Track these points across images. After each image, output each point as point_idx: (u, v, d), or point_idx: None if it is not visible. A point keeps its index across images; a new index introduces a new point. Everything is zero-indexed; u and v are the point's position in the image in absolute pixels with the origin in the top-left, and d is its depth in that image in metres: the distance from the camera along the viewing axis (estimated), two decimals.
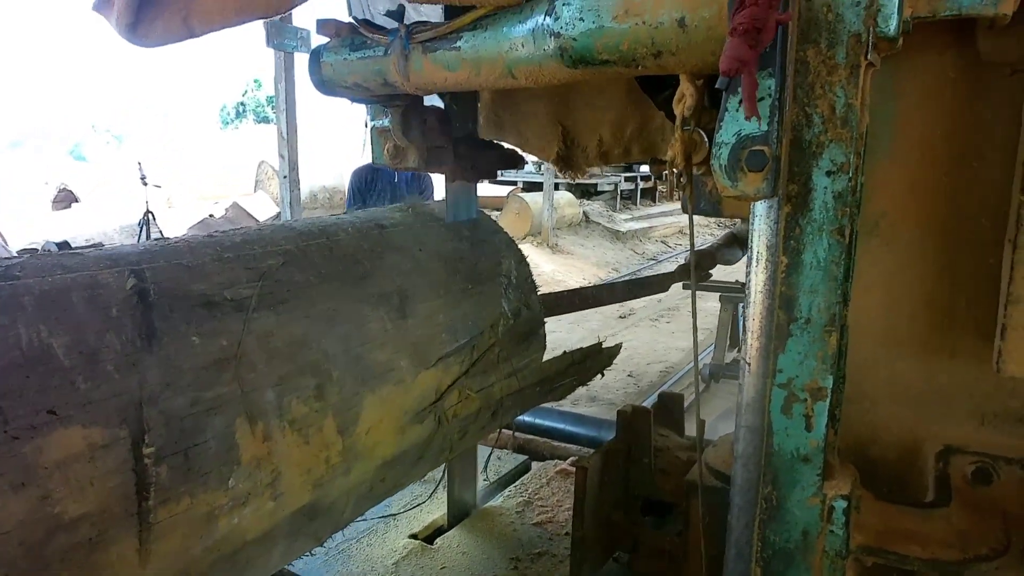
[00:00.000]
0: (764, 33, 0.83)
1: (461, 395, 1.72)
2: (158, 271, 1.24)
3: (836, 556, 1.03)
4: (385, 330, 1.55)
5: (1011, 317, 1.03)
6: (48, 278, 1.11)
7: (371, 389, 1.47)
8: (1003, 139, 1.06)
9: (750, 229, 1.02)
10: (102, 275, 1.16)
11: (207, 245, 1.38)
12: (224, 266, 1.33)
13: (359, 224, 1.73)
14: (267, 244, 1.45)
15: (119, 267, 1.19)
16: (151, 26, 1.51)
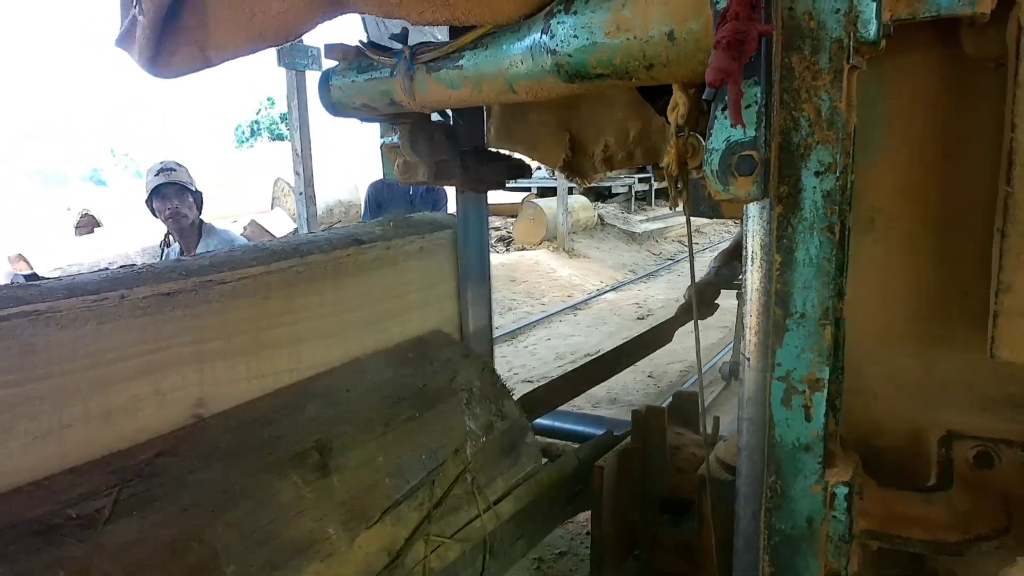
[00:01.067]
0: (746, 45, 0.87)
1: (430, 545, 1.48)
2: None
3: (840, 541, 1.07)
4: (301, 497, 1.31)
5: (1002, 304, 1.06)
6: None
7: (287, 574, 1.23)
8: (989, 132, 1.10)
9: (744, 230, 1.06)
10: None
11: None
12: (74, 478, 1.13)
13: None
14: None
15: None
16: (170, 58, 1.58)
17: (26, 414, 1.15)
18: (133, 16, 1.58)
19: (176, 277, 1.37)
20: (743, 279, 1.08)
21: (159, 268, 1.43)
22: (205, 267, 1.45)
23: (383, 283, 1.84)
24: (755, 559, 1.13)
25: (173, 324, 1.35)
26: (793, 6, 0.96)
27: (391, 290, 1.87)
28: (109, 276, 1.34)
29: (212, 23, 1.51)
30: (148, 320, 1.31)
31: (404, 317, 1.92)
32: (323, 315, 1.67)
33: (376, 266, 1.82)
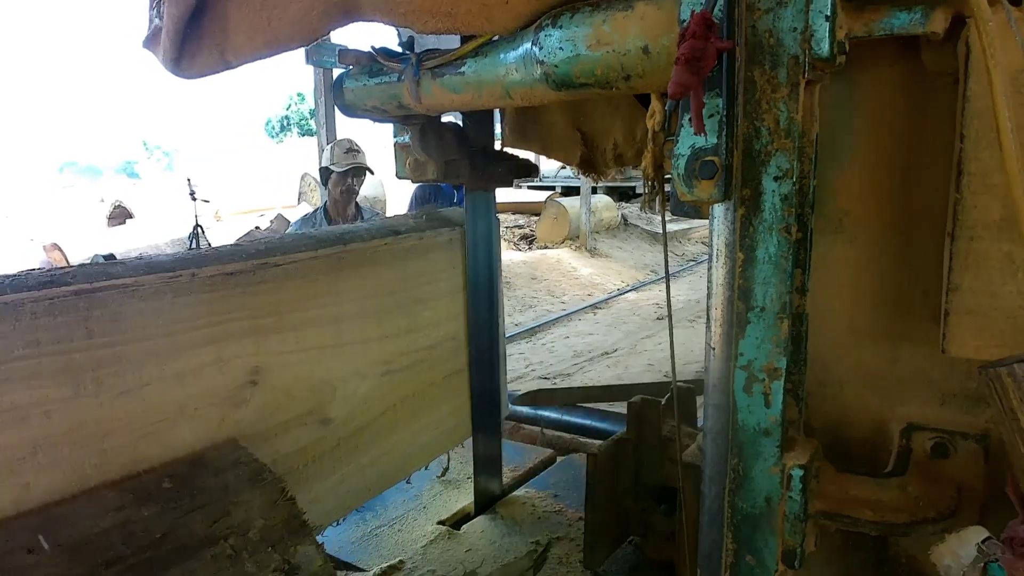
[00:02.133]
0: (704, 61, 0.96)
1: None
2: None
3: (796, 520, 1.15)
4: None
5: (951, 303, 1.14)
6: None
7: None
8: (946, 142, 1.17)
9: (710, 229, 1.15)
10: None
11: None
12: None
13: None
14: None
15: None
16: (192, 60, 1.70)
17: (114, 372, 1.34)
18: (156, 21, 1.70)
19: (237, 259, 1.56)
20: (708, 274, 1.17)
21: (222, 251, 1.61)
22: (261, 251, 1.64)
23: (416, 270, 2.03)
24: (719, 536, 1.21)
25: (234, 300, 1.54)
26: (755, 24, 1.05)
27: (422, 276, 2.08)
28: (181, 256, 1.53)
29: (231, 28, 1.61)
30: (214, 296, 1.50)
31: (434, 303, 2.13)
32: (362, 297, 1.86)
33: (411, 254, 2.01)
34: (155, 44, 1.75)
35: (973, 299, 1.13)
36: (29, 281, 1.25)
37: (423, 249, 2.08)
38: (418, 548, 2.21)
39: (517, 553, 2.20)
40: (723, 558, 1.21)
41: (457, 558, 2.17)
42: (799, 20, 1.02)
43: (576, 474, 2.67)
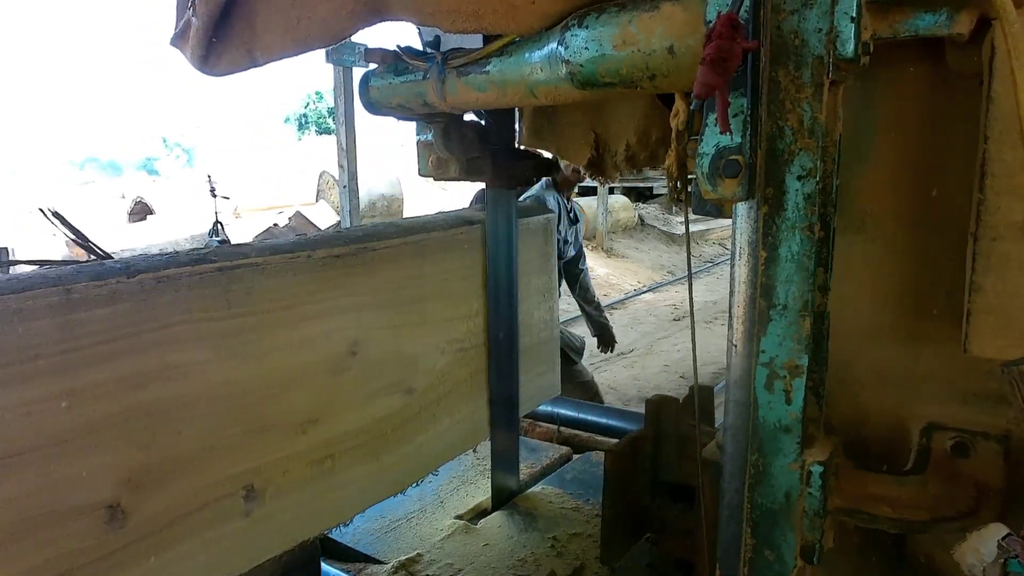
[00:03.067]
0: (730, 61, 0.97)
1: None
2: None
3: (814, 516, 1.16)
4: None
5: (974, 303, 1.14)
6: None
7: None
8: (970, 143, 1.18)
9: (733, 227, 1.16)
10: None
11: None
12: None
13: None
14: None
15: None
16: (220, 58, 1.73)
17: (246, 339, 1.52)
18: (187, 18, 1.73)
19: (342, 243, 1.75)
20: (731, 272, 1.18)
21: (328, 235, 1.80)
22: (359, 237, 1.82)
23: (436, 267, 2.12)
24: (738, 531, 1.23)
25: (340, 279, 1.73)
26: (780, 25, 1.06)
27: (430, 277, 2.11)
28: (297, 240, 1.72)
29: (260, 27, 1.64)
30: (324, 275, 1.69)
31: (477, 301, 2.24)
32: (443, 280, 2.06)
33: (444, 252, 2.10)
34: (183, 42, 1.78)
35: (995, 299, 1.13)
36: (182, 258, 1.44)
37: (454, 244, 2.17)
38: (436, 541, 2.24)
39: (534, 548, 2.22)
40: (742, 553, 1.23)
41: (474, 552, 2.20)
42: (824, 21, 1.04)
43: (593, 471, 2.69)
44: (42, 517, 1.21)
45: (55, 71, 30.84)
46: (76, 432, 1.24)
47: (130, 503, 1.32)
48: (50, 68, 30.66)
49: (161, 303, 1.35)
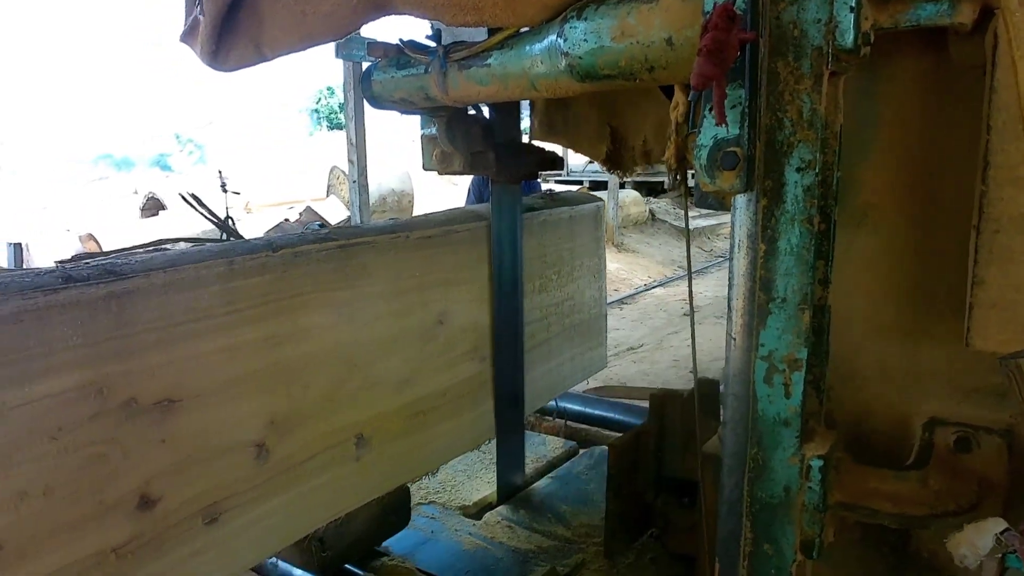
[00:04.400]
0: (726, 52, 0.97)
1: None
2: None
3: (814, 510, 1.15)
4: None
5: (976, 297, 1.13)
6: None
7: None
8: (972, 134, 1.17)
9: (732, 220, 1.16)
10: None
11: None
12: None
13: None
14: None
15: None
16: (228, 54, 1.73)
17: (360, 307, 1.74)
18: (196, 15, 1.74)
19: (431, 226, 1.98)
20: (730, 265, 1.18)
21: (418, 219, 2.08)
22: (443, 221, 2.06)
23: (547, 240, 2.46)
24: (738, 525, 1.22)
25: (431, 257, 1.96)
26: (780, 16, 1.05)
27: (552, 246, 2.49)
28: (397, 223, 1.95)
29: (267, 22, 1.65)
30: (419, 253, 1.91)
31: (559, 268, 2.53)
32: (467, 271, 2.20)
33: (545, 227, 2.43)
34: (193, 38, 1.79)
35: (998, 293, 1.12)
36: (310, 237, 1.67)
37: (553, 223, 2.48)
38: (439, 536, 2.24)
39: (538, 542, 2.22)
40: (741, 547, 1.22)
41: (478, 546, 2.20)
42: (823, 11, 1.03)
43: (597, 466, 2.68)
44: (207, 451, 1.43)
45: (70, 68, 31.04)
46: (233, 381, 1.47)
47: (272, 443, 1.55)
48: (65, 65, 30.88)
49: (296, 275, 1.58)
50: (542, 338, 2.45)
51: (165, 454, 1.36)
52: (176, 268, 1.36)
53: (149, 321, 1.32)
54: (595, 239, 2.74)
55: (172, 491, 1.38)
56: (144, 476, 1.33)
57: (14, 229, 12.78)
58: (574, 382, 2.73)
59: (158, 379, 1.34)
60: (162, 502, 1.36)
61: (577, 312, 2.63)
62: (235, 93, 31.48)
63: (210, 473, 1.43)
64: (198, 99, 31.64)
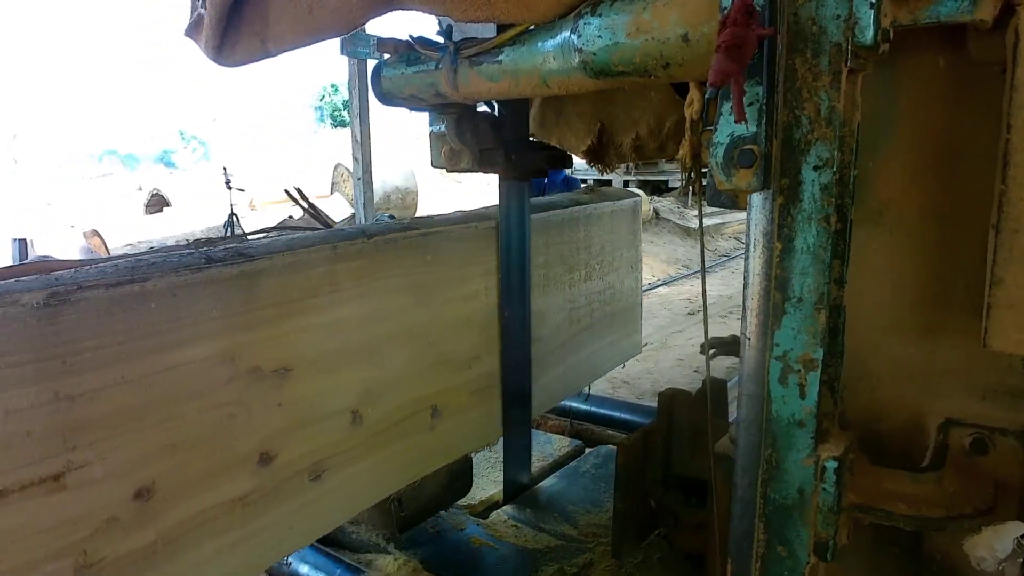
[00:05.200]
0: (745, 48, 0.95)
1: None
2: None
3: (829, 512, 1.14)
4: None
5: (994, 296, 1.12)
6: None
7: None
8: (992, 133, 1.15)
9: (748, 218, 1.14)
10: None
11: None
12: None
13: None
14: None
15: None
16: (233, 49, 1.72)
17: (433, 291, 1.94)
18: (199, 10, 1.73)
19: (489, 218, 2.14)
20: (745, 264, 1.16)
21: (478, 211, 2.24)
22: (451, 223, 2.12)
23: (593, 232, 2.64)
24: (751, 526, 1.21)
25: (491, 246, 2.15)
26: (798, 11, 1.04)
27: (596, 237, 2.67)
28: (464, 214, 2.15)
29: (272, 17, 1.64)
30: (481, 242, 2.11)
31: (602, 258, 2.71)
32: (560, 251, 2.50)
33: (591, 219, 2.61)
34: (197, 33, 1.78)
35: (1017, 293, 1.11)
36: (395, 226, 1.86)
37: (597, 216, 2.67)
38: (445, 535, 2.24)
39: (544, 541, 2.21)
40: (754, 548, 1.21)
41: (484, 546, 2.19)
42: (843, 7, 1.01)
43: (604, 465, 2.67)
44: (313, 414, 1.62)
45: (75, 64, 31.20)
46: (335, 354, 1.65)
47: (365, 410, 1.74)
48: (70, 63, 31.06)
49: (384, 259, 1.76)
50: (586, 323, 2.67)
51: (281, 416, 1.55)
52: (293, 251, 1.56)
53: (270, 297, 1.51)
54: (632, 232, 2.94)
55: (286, 449, 1.56)
56: (264, 435, 1.52)
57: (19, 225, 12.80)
58: (612, 365, 2.94)
59: (276, 349, 1.53)
60: (278, 459, 1.55)
61: (617, 300, 2.84)
62: (239, 90, 31.52)
63: (315, 435, 1.63)
64: (202, 96, 31.67)
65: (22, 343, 1.13)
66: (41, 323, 1.15)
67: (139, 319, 1.28)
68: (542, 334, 2.42)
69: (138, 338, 1.28)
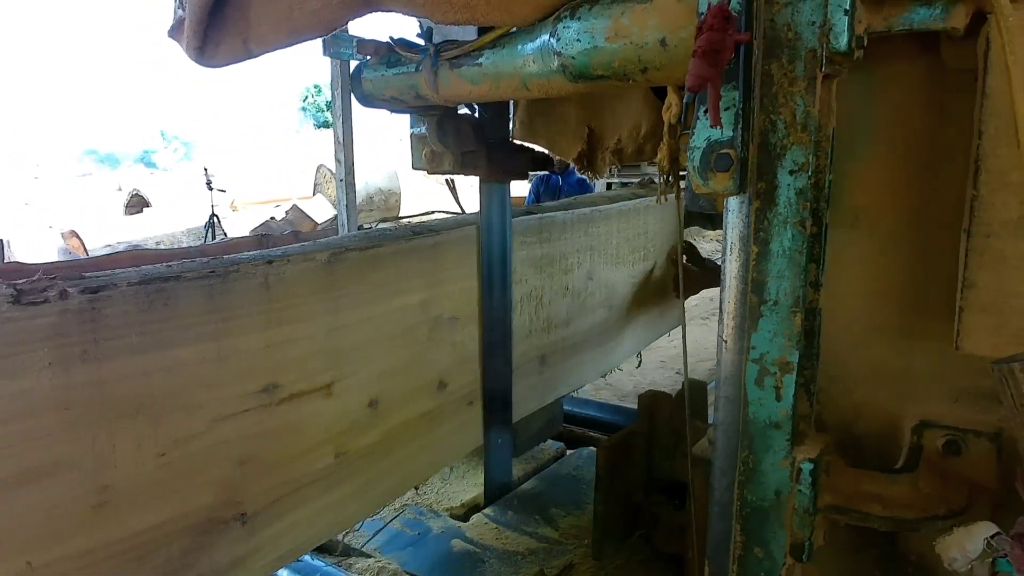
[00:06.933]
0: (722, 53, 0.96)
1: None
2: None
3: (805, 513, 1.15)
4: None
5: (966, 299, 1.13)
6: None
7: None
8: (964, 139, 1.17)
9: (724, 222, 1.15)
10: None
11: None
12: None
13: None
14: None
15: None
16: (216, 49, 1.71)
17: (547, 263, 2.47)
18: (181, 11, 1.72)
19: (579, 207, 2.65)
20: (722, 267, 1.17)
21: (567, 202, 2.79)
22: (587, 203, 2.76)
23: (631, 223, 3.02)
24: (728, 528, 1.22)
25: (585, 228, 2.66)
26: (774, 18, 1.05)
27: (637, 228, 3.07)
28: (566, 200, 2.86)
29: (254, 17, 1.63)
30: (580, 225, 2.61)
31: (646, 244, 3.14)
32: (626, 235, 2.96)
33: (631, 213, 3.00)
34: (179, 34, 1.77)
35: (989, 296, 1.12)
36: (519, 210, 2.37)
37: (646, 208, 3.09)
38: (425, 537, 2.23)
39: (525, 543, 2.21)
40: (731, 550, 1.22)
41: (464, 548, 2.19)
42: (818, 14, 1.02)
43: (586, 466, 2.68)
44: (467, 355, 2.12)
45: (55, 64, 30.85)
46: (429, 330, 1.96)
47: (450, 380, 2.07)
48: (50, 61, 30.68)
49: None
50: (640, 297, 3.14)
51: (452, 354, 2.06)
52: (462, 228, 2.06)
53: (447, 262, 2.01)
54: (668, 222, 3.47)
55: (454, 380, 2.07)
56: (442, 368, 2.02)
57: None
58: (659, 333, 3.46)
59: (450, 303, 2.02)
60: (448, 387, 2.06)
61: (658, 279, 3.32)
62: (222, 91, 31.26)
63: (468, 370, 2.13)
64: (185, 96, 31.39)
65: (315, 286, 1.60)
66: (325, 272, 1.63)
67: (378, 274, 1.77)
68: (614, 303, 2.94)
69: (377, 287, 1.77)
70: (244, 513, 1.48)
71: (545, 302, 2.44)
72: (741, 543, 1.21)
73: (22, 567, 1.14)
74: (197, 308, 1.36)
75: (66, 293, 1.15)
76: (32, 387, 1.12)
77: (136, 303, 1.25)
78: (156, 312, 1.28)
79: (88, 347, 1.18)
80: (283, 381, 1.54)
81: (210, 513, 1.41)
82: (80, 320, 1.17)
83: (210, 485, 1.40)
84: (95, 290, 1.19)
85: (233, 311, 1.42)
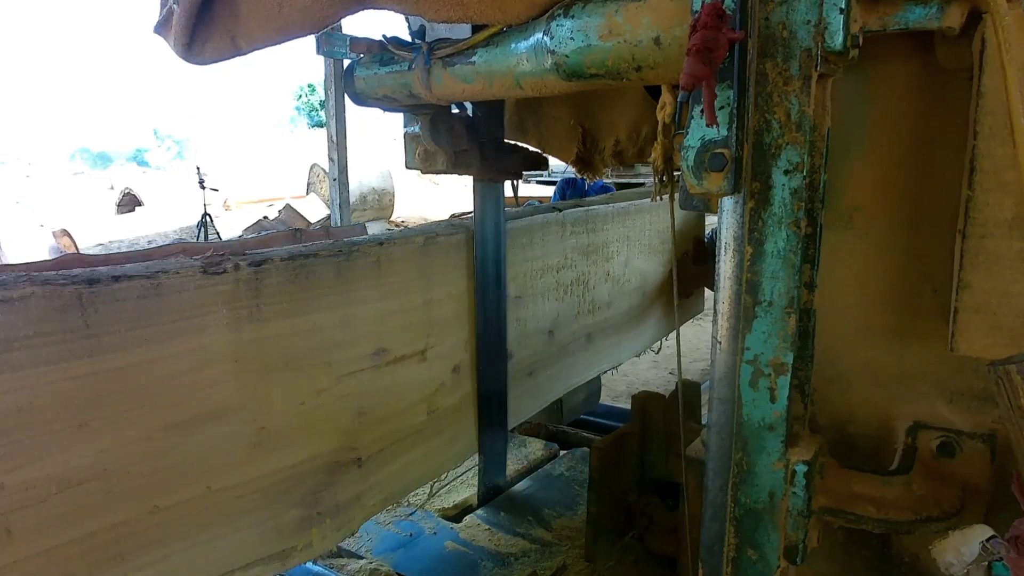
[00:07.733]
0: (716, 52, 0.95)
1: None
2: None
3: (799, 515, 1.15)
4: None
5: (961, 301, 1.13)
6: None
7: None
8: (960, 138, 1.16)
9: (719, 222, 1.14)
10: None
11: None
12: None
13: None
14: None
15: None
16: (203, 46, 1.69)
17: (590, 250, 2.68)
18: (170, 6, 1.70)
19: (621, 200, 2.90)
20: (716, 267, 1.16)
21: (607, 196, 2.97)
22: (623, 198, 3.00)
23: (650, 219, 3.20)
24: (722, 529, 1.21)
25: (622, 220, 2.88)
26: (769, 16, 1.04)
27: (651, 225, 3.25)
28: (608, 195, 2.96)
29: (243, 14, 1.61)
30: (619, 218, 2.84)
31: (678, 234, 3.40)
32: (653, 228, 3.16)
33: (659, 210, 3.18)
34: (167, 30, 1.75)
35: (983, 297, 1.12)
36: (565, 206, 2.56)
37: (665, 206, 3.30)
38: (418, 538, 2.22)
39: (518, 544, 2.20)
40: (725, 552, 1.21)
41: (458, 549, 2.18)
42: (813, 13, 1.02)
43: (579, 467, 2.67)
44: (533, 330, 2.40)
45: (47, 62, 30.68)
46: (542, 291, 2.31)
47: (555, 332, 2.50)
48: (42, 59, 30.50)
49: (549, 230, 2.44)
50: (668, 286, 3.31)
51: (518, 328, 2.29)
52: (530, 216, 2.31)
53: (515, 246, 2.23)
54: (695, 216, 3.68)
55: (517, 352, 2.33)
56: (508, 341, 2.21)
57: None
58: (682, 321, 3.82)
59: (515, 285, 2.25)
60: (513, 358, 2.29)
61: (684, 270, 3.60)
62: (216, 90, 31.17)
63: (531, 344, 2.39)
64: (178, 95, 31.29)
65: (414, 265, 1.84)
66: (421, 254, 1.87)
67: (460, 256, 2.02)
68: (648, 289, 3.19)
69: (458, 267, 2.01)
70: (360, 458, 1.73)
71: (591, 286, 2.66)
72: (735, 545, 1.20)
73: (203, 491, 1.38)
74: (328, 281, 1.61)
75: (239, 266, 1.41)
76: (214, 341, 1.37)
77: (287, 275, 1.51)
78: (300, 283, 1.54)
79: (252, 310, 1.44)
80: (389, 346, 1.79)
81: (335, 456, 1.66)
82: (248, 288, 1.43)
83: (335, 432, 1.65)
84: (258, 263, 1.45)
85: (354, 284, 1.68)
